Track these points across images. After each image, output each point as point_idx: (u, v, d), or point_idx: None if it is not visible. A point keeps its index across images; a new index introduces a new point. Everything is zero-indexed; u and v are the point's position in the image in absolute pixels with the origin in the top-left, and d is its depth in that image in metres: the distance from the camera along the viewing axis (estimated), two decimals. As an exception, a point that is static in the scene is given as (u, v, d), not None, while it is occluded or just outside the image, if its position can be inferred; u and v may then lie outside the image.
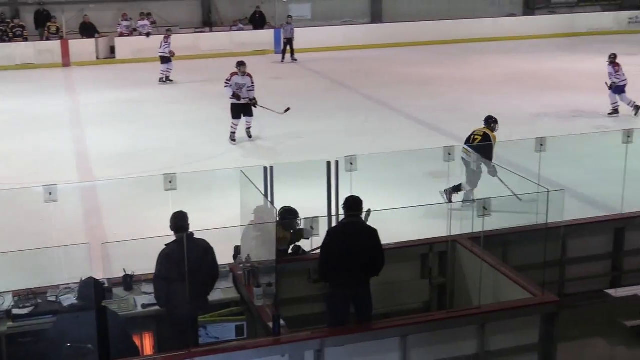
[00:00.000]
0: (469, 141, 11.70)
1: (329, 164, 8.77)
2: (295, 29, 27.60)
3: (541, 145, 9.02)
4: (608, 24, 31.24)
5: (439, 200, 10.94)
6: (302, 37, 28.34)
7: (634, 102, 17.77)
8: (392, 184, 12.63)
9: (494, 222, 7.42)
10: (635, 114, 17.65)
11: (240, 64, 15.81)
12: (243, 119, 15.93)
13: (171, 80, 23.45)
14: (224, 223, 6.70)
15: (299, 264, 7.44)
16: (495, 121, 11.95)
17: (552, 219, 7.38)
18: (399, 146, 14.60)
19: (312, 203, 8.95)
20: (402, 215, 9.08)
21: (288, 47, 27.38)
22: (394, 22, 31.58)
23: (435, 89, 21.49)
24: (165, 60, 23.33)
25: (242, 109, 15.83)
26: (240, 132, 16.02)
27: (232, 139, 15.89)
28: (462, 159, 11.23)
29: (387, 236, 8.52)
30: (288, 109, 16.66)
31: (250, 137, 16.15)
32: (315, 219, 6.81)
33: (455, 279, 8.14)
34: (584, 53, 26.78)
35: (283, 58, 27.45)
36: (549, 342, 6.94)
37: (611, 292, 8.40)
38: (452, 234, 7.82)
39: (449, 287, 8.15)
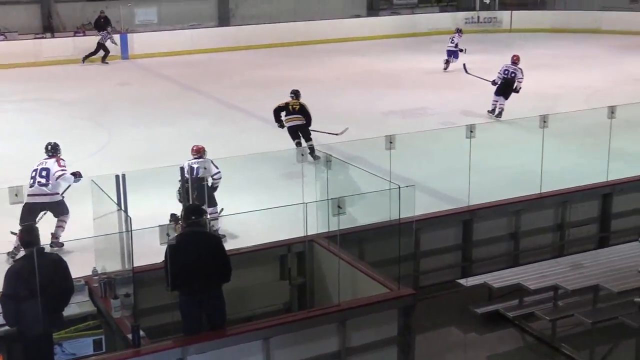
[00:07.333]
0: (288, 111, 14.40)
1: (182, 169, 8.65)
2: (142, 33, 27.09)
3: (390, 142, 9.24)
4: (447, 24, 32.46)
5: (293, 201, 11.01)
6: (149, 41, 27.90)
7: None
8: (246, 188, 12.60)
9: (348, 221, 7.56)
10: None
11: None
12: None
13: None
14: (77, 234, 6.46)
15: (157, 272, 7.29)
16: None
17: (405, 214, 7.59)
18: (251, 149, 14.59)
19: (166, 209, 8.85)
20: (259, 218, 9.11)
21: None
22: (242, 25, 31.52)
23: (285, 91, 21.50)
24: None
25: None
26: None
27: None
28: None
29: (246, 239, 8.56)
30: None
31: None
32: (170, 226, 6.69)
33: (315, 278, 8.23)
34: (425, 53, 27.67)
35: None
36: (407, 334, 7.14)
37: (462, 281, 8.74)
38: (308, 233, 7.89)
39: (308, 286, 8.23)
